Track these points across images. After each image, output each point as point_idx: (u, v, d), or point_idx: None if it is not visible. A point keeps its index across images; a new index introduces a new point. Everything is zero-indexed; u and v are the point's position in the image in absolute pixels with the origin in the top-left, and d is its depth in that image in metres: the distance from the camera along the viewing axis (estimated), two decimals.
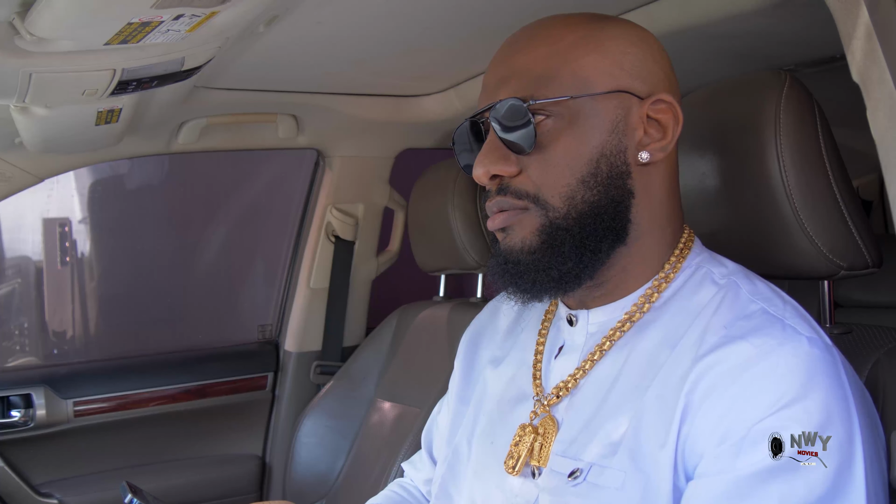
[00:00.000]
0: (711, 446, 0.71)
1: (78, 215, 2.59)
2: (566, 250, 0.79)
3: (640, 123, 0.81)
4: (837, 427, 0.69)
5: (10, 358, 2.48)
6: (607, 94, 0.79)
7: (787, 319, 0.75)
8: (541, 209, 0.80)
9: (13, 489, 1.82)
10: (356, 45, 1.45)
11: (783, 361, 0.71)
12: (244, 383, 2.13)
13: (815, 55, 1.36)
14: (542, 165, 0.79)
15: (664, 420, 0.74)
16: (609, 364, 0.82)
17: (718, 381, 0.72)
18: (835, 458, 0.68)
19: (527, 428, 0.84)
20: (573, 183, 0.79)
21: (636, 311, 0.82)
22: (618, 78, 0.80)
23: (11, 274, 2.57)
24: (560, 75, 0.79)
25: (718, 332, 0.75)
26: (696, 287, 0.81)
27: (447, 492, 0.94)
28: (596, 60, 0.80)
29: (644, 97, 0.81)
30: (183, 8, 0.85)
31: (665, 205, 0.84)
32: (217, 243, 2.70)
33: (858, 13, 0.79)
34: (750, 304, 0.77)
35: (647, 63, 0.82)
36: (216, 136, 1.90)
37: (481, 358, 1.01)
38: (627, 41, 0.82)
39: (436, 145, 2.14)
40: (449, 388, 1.06)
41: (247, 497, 2.08)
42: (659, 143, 0.81)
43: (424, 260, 1.90)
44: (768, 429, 0.69)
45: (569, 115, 0.79)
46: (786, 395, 0.69)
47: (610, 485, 0.75)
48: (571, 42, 0.81)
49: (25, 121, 1.32)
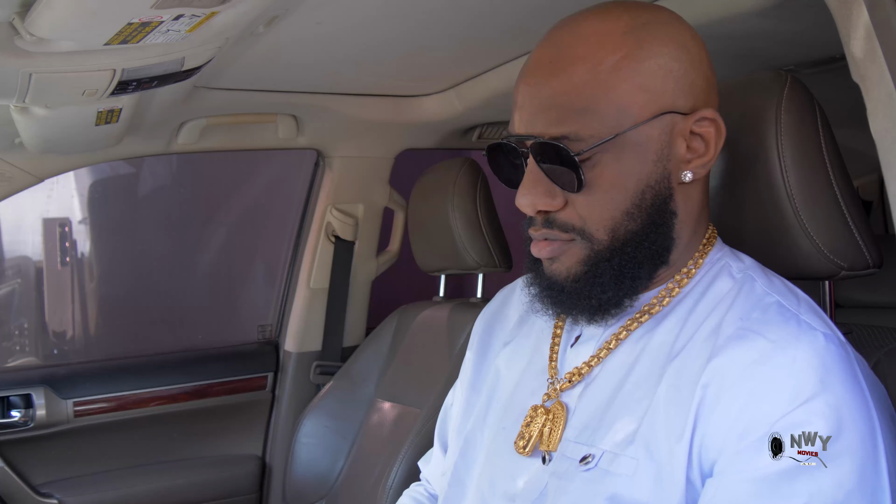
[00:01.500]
0: (731, 442, 0.71)
1: (78, 215, 2.59)
2: (605, 280, 0.80)
3: (683, 141, 0.80)
4: (858, 421, 0.69)
5: (10, 358, 2.49)
6: (652, 120, 0.78)
7: (803, 315, 0.75)
8: (586, 241, 0.80)
9: (13, 489, 1.82)
10: (356, 46, 1.45)
11: (800, 356, 0.71)
12: (244, 383, 2.13)
13: (815, 55, 1.36)
14: (589, 201, 0.79)
15: (680, 412, 0.74)
16: (625, 353, 0.82)
17: (735, 376, 0.72)
18: (859, 452, 0.69)
19: (538, 409, 0.85)
20: (618, 216, 0.79)
21: (656, 303, 0.83)
22: (660, 100, 0.78)
23: (11, 274, 2.57)
24: (602, 108, 0.77)
25: (734, 324, 0.76)
26: (714, 280, 0.82)
27: (460, 480, 0.94)
28: (638, 86, 0.77)
29: (688, 113, 0.79)
30: (183, 8, 0.85)
31: (703, 213, 0.85)
32: (217, 243, 2.70)
33: (858, 13, 0.79)
34: (765, 296, 0.78)
35: (689, 76, 0.79)
36: (216, 137, 1.90)
37: (495, 345, 1.01)
38: (670, 56, 0.78)
39: (436, 145, 2.14)
40: (460, 377, 1.06)
41: (247, 497, 2.08)
42: (701, 160, 0.81)
43: (424, 260, 1.90)
44: (790, 425, 0.69)
45: (614, 149, 0.77)
46: (805, 391, 0.69)
47: (622, 472, 0.75)
48: (612, 66, 0.77)
49: (25, 121, 1.32)
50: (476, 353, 1.03)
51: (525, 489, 0.84)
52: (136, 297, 2.58)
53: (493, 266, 1.78)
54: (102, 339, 2.63)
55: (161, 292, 2.61)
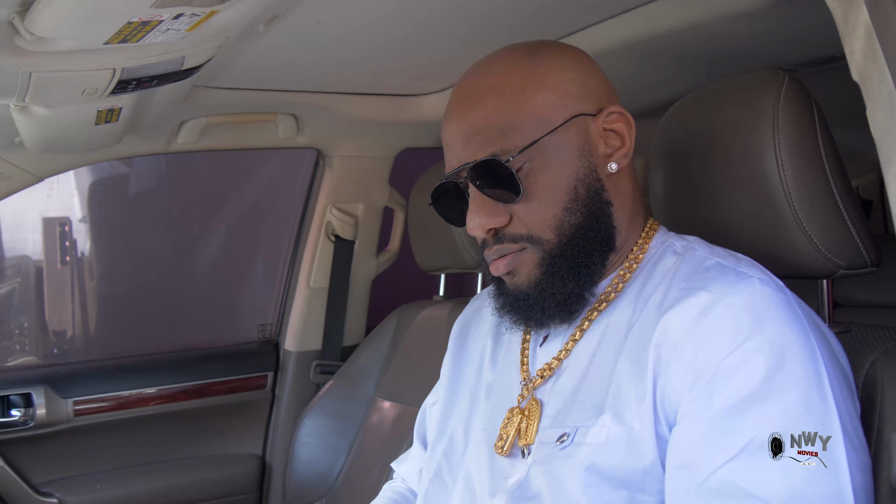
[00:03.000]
0: (686, 390, 0.76)
1: (78, 215, 2.59)
2: (564, 273, 0.86)
3: (600, 138, 0.88)
4: (799, 353, 0.74)
5: (10, 357, 2.49)
6: (565, 123, 0.86)
7: (741, 268, 0.81)
8: (536, 245, 0.87)
9: (13, 489, 1.82)
10: (356, 45, 1.45)
11: (737, 300, 0.77)
12: (244, 383, 2.13)
13: (814, 55, 1.36)
14: (529, 208, 0.86)
15: (639, 375, 0.80)
16: (589, 341, 0.88)
17: (683, 330, 0.78)
18: (802, 381, 0.73)
19: (514, 410, 0.90)
20: (559, 213, 0.86)
21: (611, 290, 0.89)
22: (569, 105, 0.87)
23: (11, 273, 2.57)
24: (519, 122, 0.85)
25: (679, 287, 0.82)
26: (660, 259, 0.89)
27: (441, 478, 0.98)
28: (545, 97, 0.86)
29: (596, 113, 0.88)
30: (183, 7, 0.85)
31: (636, 200, 0.93)
32: (217, 243, 2.70)
33: (858, 13, 0.79)
34: (705, 260, 0.84)
35: (587, 82, 0.89)
36: (216, 136, 1.90)
37: (470, 349, 1.06)
38: (564, 67, 0.88)
39: (436, 145, 2.14)
40: (440, 379, 1.10)
41: (246, 496, 2.08)
42: (621, 151, 0.89)
43: (424, 259, 1.90)
44: (734, 364, 0.74)
45: (539, 155, 0.85)
46: (743, 331, 0.75)
47: (595, 441, 0.80)
48: (516, 87, 0.86)
49: (25, 120, 1.32)
50: (454, 356, 1.08)
51: (510, 484, 0.87)
52: (136, 296, 2.58)
53: None
54: (102, 338, 2.63)
55: (161, 291, 2.61)
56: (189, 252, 2.67)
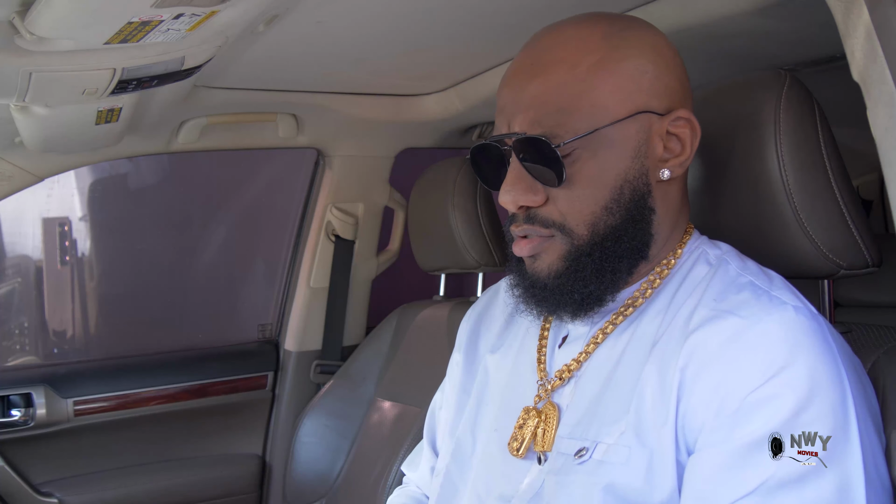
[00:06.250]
0: (709, 419, 0.73)
1: (78, 214, 2.59)
2: (587, 274, 0.82)
3: (660, 141, 0.83)
4: (828, 390, 0.71)
5: (11, 357, 2.49)
6: (628, 118, 0.81)
7: (774, 291, 0.78)
8: (566, 237, 0.82)
9: (13, 489, 1.82)
10: (356, 45, 1.45)
11: (771, 329, 0.73)
12: (244, 382, 2.13)
13: (815, 55, 1.36)
14: (568, 196, 0.81)
15: (664, 397, 0.76)
16: (611, 347, 0.84)
17: (710, 355, 0.74)
18: (829, 420, 0.70)
19: (531, 411, 0.86)
20: (597, 211, 0.81)
21: (639, 296, 0.85)
22: (636, 99, 0.81)
23: (11, 273, 2.57)
24: (580, 107, 0.80)
25: (708, 306, 0.78)
26: (692, 268, 0.85)
27: (452, 482, 0.95)
28: (614, 86, 0.80)
29: (663, 114, 0.82)
30: (183, 7, 0.85)
31: (682, 212, 0.87)
32: (217, 242, 2.70)
33: (858, 13, 0.79)
34: (739, 277, 0.81)
35: (664, 78, 0.83)
36: (216, 136, 1.90)
37: (482, 346, 1.02)
38: (645, 58, 0.82)
39: (436, 145, 2.14)
40: (449, 379, 1.06)
41: (247, 496, 2.08)
42: (678, 159, 0.84)
43: (424, 259, 1.90)
44: (762, 398, 0.71)
45: (592, 146, 0.80)
46: (775, 363, 0.71)
47: (615, 460, 0.77)
48: (588, 68, 0.80)
49: (25, 120, 1.32)
50: (464, 354, 1.04)
51: (522, 490, 0.84)
52: (136, 296, 2.58)
53: (493, 265, 1.78)
54: (102, 337, 2.63)
55: (161, 291, 2.61)
56: (189, 252, 2.67)
